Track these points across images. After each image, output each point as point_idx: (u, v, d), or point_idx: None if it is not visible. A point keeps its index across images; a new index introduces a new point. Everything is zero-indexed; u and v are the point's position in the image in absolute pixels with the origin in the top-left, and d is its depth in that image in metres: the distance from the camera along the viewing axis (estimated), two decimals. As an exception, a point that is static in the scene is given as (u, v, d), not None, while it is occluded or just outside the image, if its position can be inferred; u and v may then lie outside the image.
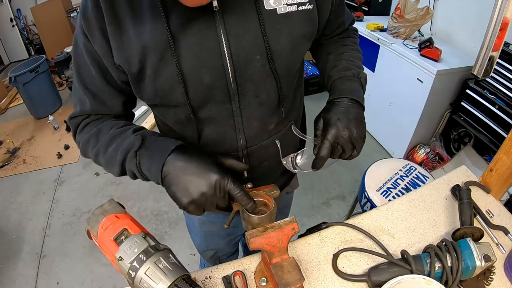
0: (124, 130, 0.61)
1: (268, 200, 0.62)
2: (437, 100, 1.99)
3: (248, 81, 0.59)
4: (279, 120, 0.69)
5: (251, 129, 0.65)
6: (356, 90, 0.66)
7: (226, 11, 0.53)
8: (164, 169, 0.54)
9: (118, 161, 0.58)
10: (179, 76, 0.54)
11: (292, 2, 0.57)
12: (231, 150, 0.67)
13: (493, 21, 0.59)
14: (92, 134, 0.63)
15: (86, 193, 2.35)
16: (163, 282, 0.49)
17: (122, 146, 0.58)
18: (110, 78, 0.60)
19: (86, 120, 0.66)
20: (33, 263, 1.90)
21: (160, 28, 0.52)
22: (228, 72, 0.56)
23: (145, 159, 0.56)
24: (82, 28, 0.55)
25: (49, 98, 3.25)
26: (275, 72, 0.59)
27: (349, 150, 0.61)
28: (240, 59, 0.56)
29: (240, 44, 0.55)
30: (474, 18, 1.91)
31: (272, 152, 0.71)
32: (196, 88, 0.57)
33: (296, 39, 0.59)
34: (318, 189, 2.20)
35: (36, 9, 3.99)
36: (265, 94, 0.62)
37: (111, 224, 0.54)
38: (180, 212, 2.12)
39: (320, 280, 0.67)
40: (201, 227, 0.96)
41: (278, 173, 0.82)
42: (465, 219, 0.71)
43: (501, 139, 1.60)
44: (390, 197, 1.32)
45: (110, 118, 0.66)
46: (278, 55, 0.58)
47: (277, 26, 0.56)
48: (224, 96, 0.59)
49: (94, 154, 0.63)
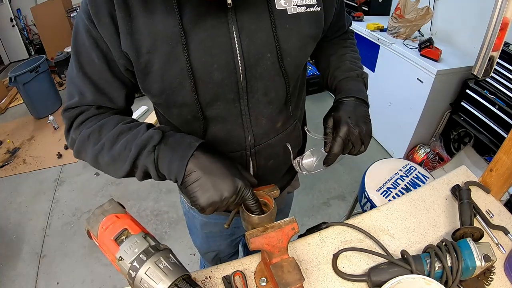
0: (135, 125, 0.58)
1: (268, 200, 0.62)
2: (437, 100, 1.99)
3: (258, 79, 0.59)
4: (286, 118, 0.70)
5: (259, 127, 0.65)
6: (361, 90, 0.69)
7: (239, 8, 0.54)
8: (189, 166, 0.52)
9: (130, 157, 0.54)
10: (189, 71, 0.54)
11: (302, 3, 0.58)
12: (239, 148, 0.67)
13: (493, 21, 0.59)
14: (94, 130, 0.58)
15: (86, 193, 2.35)
16: (164, 282, 0.49)
17: (136, 141, 0.54)
18: (114, 67, 0.58)
19: (85, 114, 0.60)
20: (33, 263, 1.90)
21: (172, 20, 0.52)
22: (239, 69, 0.56)
23: (166, 153, 0.54)
24: (87, 13, 0.53)
25: (49, 98, 3.25)
26: (284, 71, 0.60)
27: (358, 146, 0.64)
28: (251, 56, 0.56)
29: (251, 42, 0.55)
30: (474, 18, 1.91)
31: (278, 150, 0.72)
32: (206, 85, 0.56)
33: (304, 39, 0.61)
34: (318, 189, 2.20)
35: (36, 9, 4.00)
36: (274, 92, 0.63)
37: (111, 224, 0.54)
38: (180, 212, 2.12)
39: (320, 280, 0.67)
40: (203, 228, 0.96)
41: (282, 173, 0.82)
42: (465, 219, 0.71)
43: (501, 139, 1.60)
44: (390, 197, 1.32)
45: (112, 114, 0.62)
46: (287, 54, 0.59)
47: (287, 26, 0.57)
48: (234, 94, 0.59)
49: (95, 151, 0.57)
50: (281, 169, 0.80)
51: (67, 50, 3.60)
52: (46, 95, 3.21)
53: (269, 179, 0.77)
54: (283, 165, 0.78)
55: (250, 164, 0.71)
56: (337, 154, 0.63)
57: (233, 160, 0.59)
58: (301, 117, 0.81)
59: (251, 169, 0.72)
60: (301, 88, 0.74)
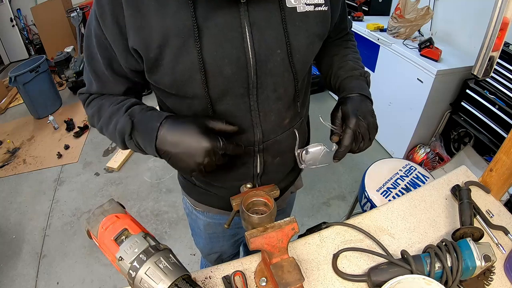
0: (120, 107, 0.62)
1: (268, 200, 0.62)
2: (437, 100, 1.99)
3: (268, 75, 0.60)
4: (294, 114, 0.70)
5: (268, 123, 0.66)
6: (364, 88, 0.70)
7: (251, 3, 0.55)
8: (158, 148, 0.56)
9: (119, 141, 0.61)
10: (200, 64, 0.54)
11: (310, 2, 0.59)
12: (247, 144, 0.67)
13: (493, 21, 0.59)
14: (95, 111, 0.66)
15: (86, 193, 2.35)
16: (164, 282, 0.49)
17: (117, 128, 0.60)
18: (115, 65, 0.61)
19: (91, 96, 0.69)
20: (33, 263, 1.90)
21: (185, 14, 0.52)
22: (250, 64, 0.57)
23: (140, 141, 0.59)
24: (95, 13, 0.55)
25: (49, 98, 3.25)
26: (293, 67, 0.61)
27: (367, 139, 0.65)
28: (261, 52, 0.57)
29: (262, 38, 0.56)
30: (474, 18, 1.91)
31: (285, 147, 0.72)
32: (216, 79, 0.57)
33: (312, 37, 0.62)
34: (318, 189, 2.20)
35: (36, 9, 4.00)
36: (283, 88, 0.63)
37: (111, 224, 0.54)
38: (180, 212, 2.12)
39: (320, 280, 0.67)
40: (206, 229, 0.96)
41: (287, 171, 0.82)
42: (465, 219, 0.71)
43: (501, 139, 1.60)
44: (390, 197, 1.32)
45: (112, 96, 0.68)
46: (296, 50, 0.60)
47: (297, 23, 0.59)
48: (243, 89, 0.60)
49: (99, 129, 0.67)
50: (286, 167, 0.80)
51: (67, 50, 3.59)
52: (46, 95, 3.21)
53: (275, 177, 0.78)
54: (289, 163, 0.78)
55: (258, 160, 0.71)
56: (348, 146, 0.63)
57: (197, 117, 0.60)
58: (306, 115, 0.82)
59: (258, 166, 0.72)
60: (307, 86, 0.75)
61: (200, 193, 0.84)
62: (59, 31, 4.03)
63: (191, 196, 0.88)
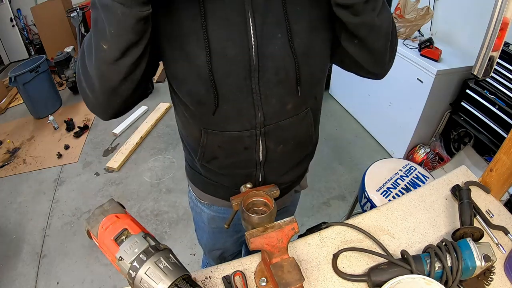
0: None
1: (268, 200, 0.62)
2: (437, 100, 1.99)
3: (269, 58, 0.61)
4: (297, 101, 0.69)
5: (269, 106, 0.67)
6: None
7: None
8: None
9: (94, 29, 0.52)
10: (205, 40, 0.57)
11: None
12: (249, 127, 0.68)
13: (493, 21, 0.59)
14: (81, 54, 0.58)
15: (86, 193, 2.35)
16: (164, 282, 0.49)
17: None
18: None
19: None
20: (33, 263, 1.91)
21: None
22: (252, 47, 0.59)
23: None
24: None
25: (49, 98, 3.24)
26: (294, 51, 0.62)
27: None
28: (263, 35, 0.59)
29: (264, 21, 0.58)
30: (474, 18, 1.91)
31: (288, 135, 0.72)
32: (219, 59, 0.59)
33: (314, 21, 0.62)
34: (318, 189, 2.20)
35: (36, 9, 3.99)
36: (284, 72, 0.64)
37: (111, 224, 0.54)
38: (180, 212, 2.12)
39: (320, 280, 0.67)
40: (210, 223, 0.96)
41: (292, 163, 0.81)
42: (465, 219, 0.71)
43: (501, 139, 1.60)
44: (390, 197, 1.32)
45: None
46: (296, 34, 0.61)
47: (297, 8, 0.60)
48: (245, 72, 0.61)
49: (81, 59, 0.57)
50: (291, 158, 0.79)
51: (67, 50, 3.59)
52: (46, 95, 3.20)
53: (279, 168, 0.78)
54: (293, 154, 0.78)
55: (260, 146, 0.71)
56: None
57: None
58: (317, 108, 0.78)
59: (261, 152, 0.72)
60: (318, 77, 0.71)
61: (205, 183, 0.85)
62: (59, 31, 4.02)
63: (198, 186, 0.89)
